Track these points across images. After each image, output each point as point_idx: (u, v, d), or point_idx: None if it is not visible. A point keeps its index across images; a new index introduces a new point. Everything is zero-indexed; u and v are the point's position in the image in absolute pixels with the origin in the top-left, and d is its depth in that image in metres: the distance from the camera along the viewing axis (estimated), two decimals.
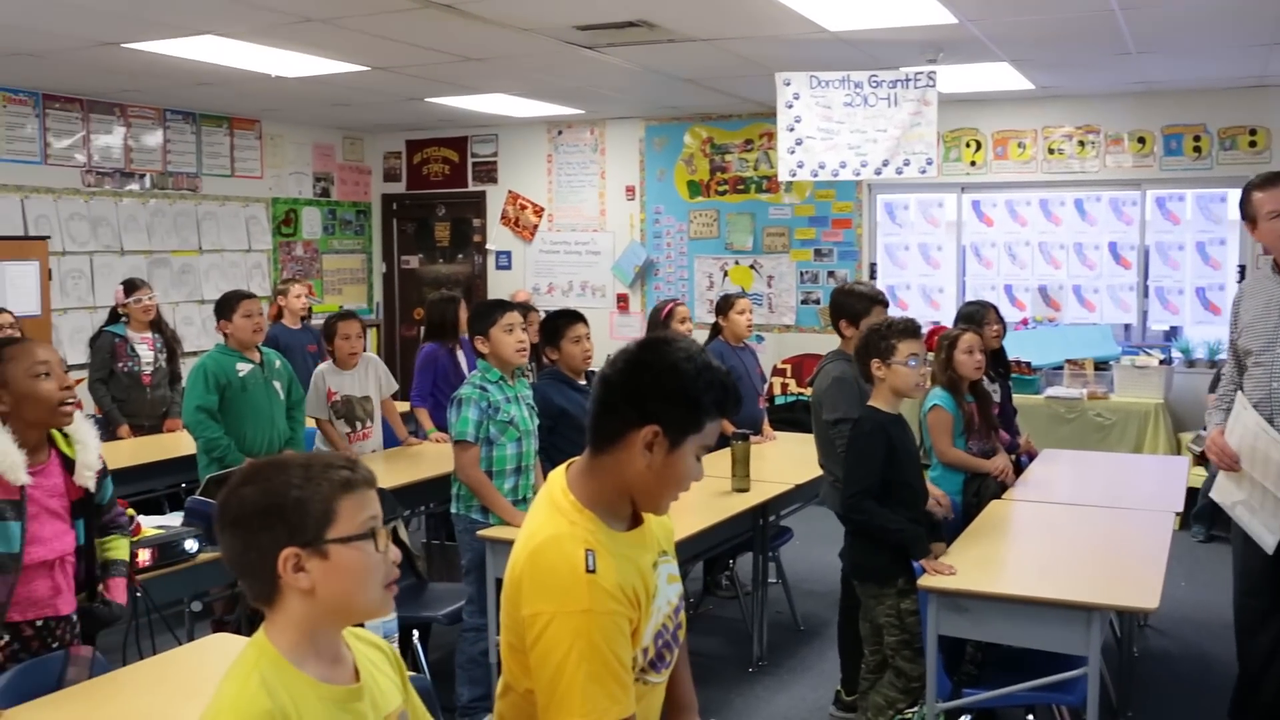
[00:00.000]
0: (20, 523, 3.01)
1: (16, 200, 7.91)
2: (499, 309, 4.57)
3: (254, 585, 1.78)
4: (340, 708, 1.78)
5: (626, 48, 6.60)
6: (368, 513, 1.78)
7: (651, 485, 2.05)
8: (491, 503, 4.43)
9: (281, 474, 1.75)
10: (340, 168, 10.76)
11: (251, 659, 1.75)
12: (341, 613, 1.80)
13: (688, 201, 9.91)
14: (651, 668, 2.08)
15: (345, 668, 1.84)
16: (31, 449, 3.07)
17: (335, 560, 1.74)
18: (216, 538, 1.81)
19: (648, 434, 2.00)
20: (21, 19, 5.63)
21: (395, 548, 1.82)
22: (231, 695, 1.70)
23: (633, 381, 2.04)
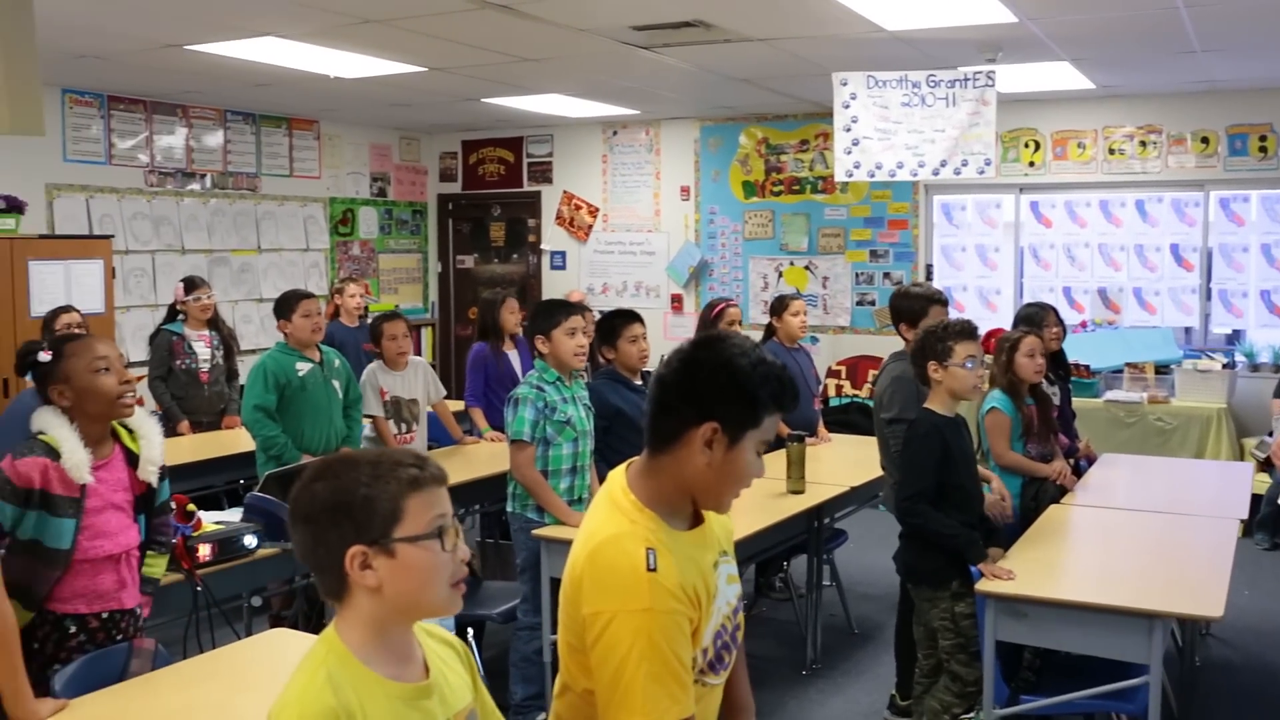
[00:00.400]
0: (75, 520, 3.05)
1: (82, 200, 8.05)
2: (563, 311, 4.57)
3: (324, 581, 1.79)
4: (408, 705, 1.78)
5: (682, 48, 6.59)
6: (436, 511, 1.78)
7: (712, 483, 2.04)
8: (547, 502, 4.44)
9: (351, 471, 1.76)
10: (397, 168, 10.84)
11: (320, 655, 1.76)
12: (409, 610, 1.81)
13: (742, 202, 9.88)
14: (710, 669, 2.07)
15: (415, 664, 1.84)
16: (95, 443, 3.12)
17: (402, 559, 1.74)
18: (289, 532, 1.82)
19: (706, 431, 1.99)
20: (89, 21, 5.72)
21: (464, 546, 1.82)
22: (298, 690, 1.72)
23: (689, 380, 2.03)
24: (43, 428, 3.06)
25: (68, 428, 3.06)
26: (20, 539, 3.03)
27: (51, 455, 3.02)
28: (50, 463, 3.01)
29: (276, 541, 4.19)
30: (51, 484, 3.01)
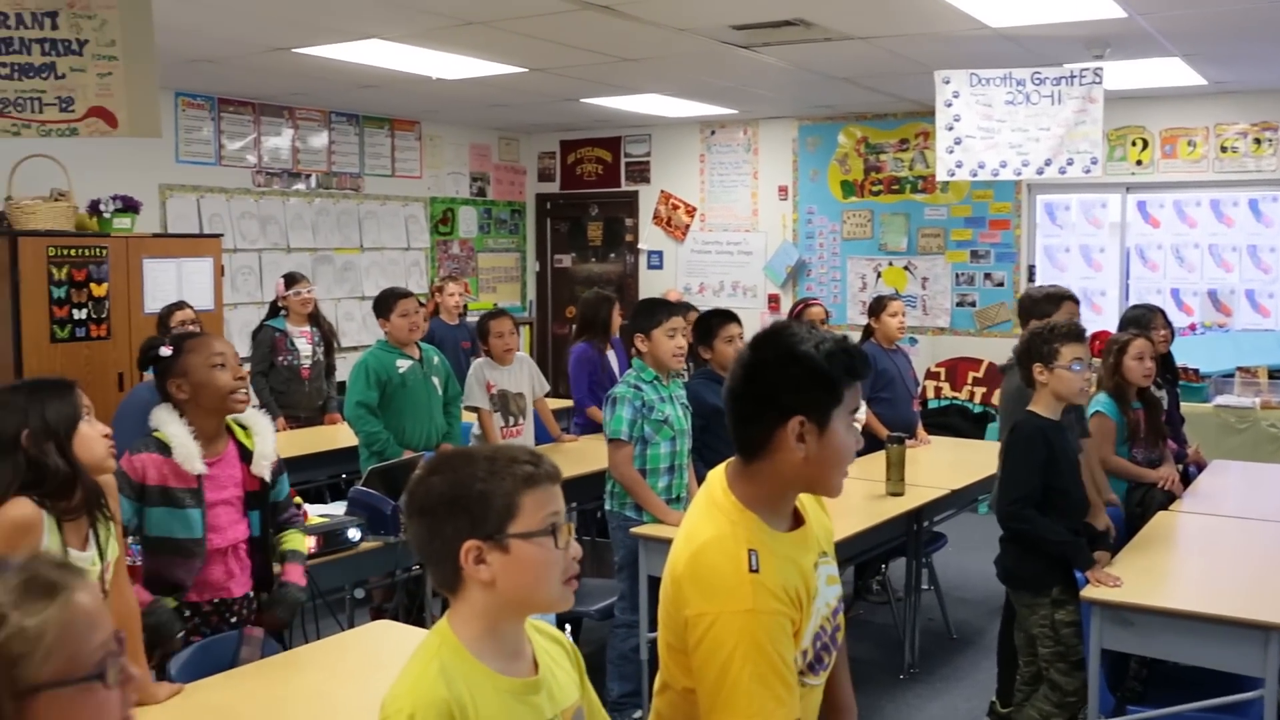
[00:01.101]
0: (200, 509, 3.15)
1: (193, 200, 8.27)
2: (664, 311, 4.58)
3: (438, 573, 1.81)
4: (517, 700, 1.80)
5: (782, 47, 6.56)
6: (550, 508, 1.79)
7: (816, 472, 2.02)
8: (645, 501, 4.46)
9: (468, 466, 1.78)
10: (496, 168, 10.95)
11: (434, 647, 1.78)
12: (521, 605, 1.82)
13: (841, 202, 9.81)
14: (810, 670, 2.06)
15: (525, 660, 1.86)
16: (209, 438, 3.21)
17: (516, 554, 1.76)
18: (404, 524, 1.85)
19: (794, 427, 1.97)
20: (202, 26, 5.88)
21: (577, 544, 1.83)
22: (411, 680, 1.74)
23: (759, 384, 2.02)
24: (157, 425, 3.17)
25: (179, 424, 3.16)
26: (152, 535, 3.13)
27: (163, 451, 3.12)
28: (163, 458, 3.12)
29: (379, 535, 4.27)
30: (168, 478, 3.12)
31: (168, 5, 5.05)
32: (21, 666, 1.24)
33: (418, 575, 4.61)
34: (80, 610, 1.30)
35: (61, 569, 1.34)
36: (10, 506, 2.58)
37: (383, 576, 4.64)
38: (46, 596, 1.28)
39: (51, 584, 1.30)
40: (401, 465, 4.73)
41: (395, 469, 4.65)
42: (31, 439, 2.61)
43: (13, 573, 1.29)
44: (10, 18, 4.09)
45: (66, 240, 6.71)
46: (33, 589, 1.28)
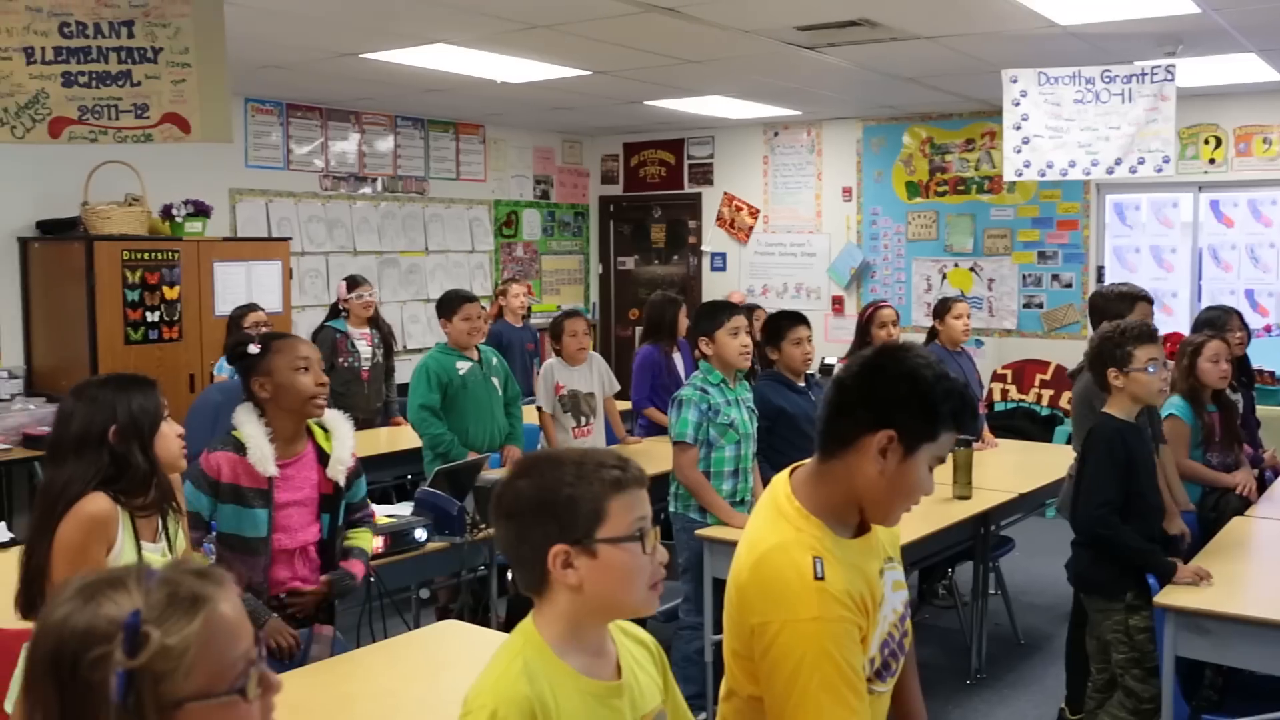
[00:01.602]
0: (268, 510, 3.20)
1: (262, 204, 8.39)
2: (726, 312, 4.58)
3: (524, 576, 1.82)
4: (599, 702, 1.80)
5: (847, 47, 6.53)
6: (637, 513, 1.78)
7: (882, 494, 2.01)
8: (710, 504, 4.45)
9: (555, 470, 1.78)
10: (559, 170, 11.00)
11: (518, 645, 1.79)
12: (607, 610, 1.82)
13: (906, 203, 9.73)
14: (877, 676, 2.04)
15: (608, 662, 1.86)
16: (288, 439, 3.26)
17: (603, 559, 1.75)
18: (492, 526, 1.86)
19: (882, 439, 1.97)
20: (271, 33, 5.96)
21: (663, 549, 1.82)
22: (494, 677, 1.75)
23: (869, 384, 2.01)
24: (236, 424, 3.22)
25: (258, 424, 3.20)
26: (223, 532, 3.19)
27: (239, 450, 3.17)
28: (238, 457, 3.17)
29: (445, 536, 4.30)
30: (240, 477, 3.17)
31: (238, 13, 5.13)
32: (166, 683, 1.23)
33: (482, 576, 4.65)
34: (222, 623, 1.28)
35: (203, 579, 1.31)
36: (88, 501, 2.64)
37: (448, 577, 4.68)
38: (190, 612, 1.26)
39: (195, 597, 1.27)
40: (467, 466, 4.77)
41: (461, 470, 4.68)
42: (119, 435, 2.68)
43: (156, 584, 1.27)
44: (89, 27, 4.17)
45: (140, 244, 6.85)
46: (176, 603, 1.26)
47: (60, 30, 4.18)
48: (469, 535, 4.32)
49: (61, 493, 2.66)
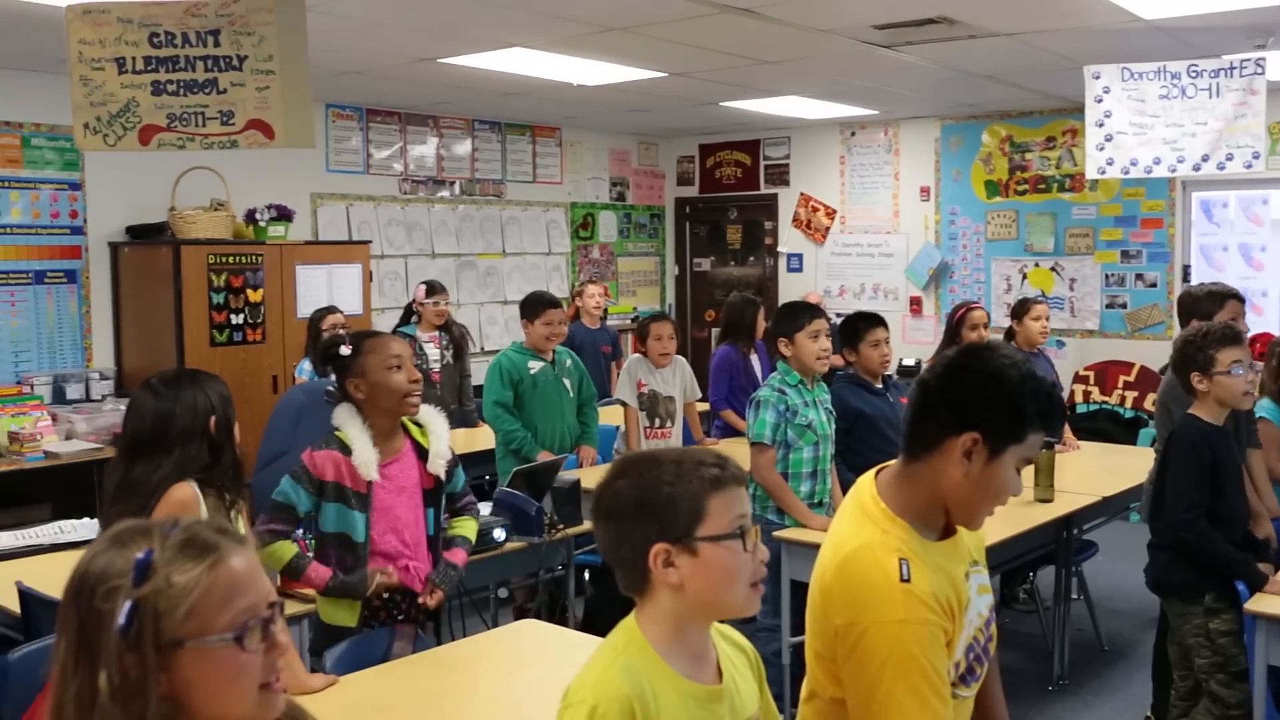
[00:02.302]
0: (365, 514, 3.24)
1: (342, 208, 8.51)
2: (807, 314, 4.56)
3: (625, 576, 1.82)
4: (700, 705, 1.79)
5: (925, 45, 6.47)
6: (737, 511, 1.78)
7: (967, 496, 1.99)
8: (788, 505, 4.44)
9: (654, 470, 1.78)
10: (635, 172, 11.02)
11: (620, 644, 1.79)
12: (709, 609, 1.82)
13: (985, 202, 9.61)
14: (962, 681, 2.03)
15: (709, 666, 1.86)
16: (386, 438, 3.30)
17: (704, 558, 1.75)
18: (592, 527, 1.87)
19: (966, 441, 1.95)
20: (352, 39, 6.05)
21: (764, 547, 1.82)
22: (595, 674, 1.76)
23: (953, 386, 1.99)
24: (339, 425, 3.27)
25: (360, 427, 3.25)
26: (325, 531, 3.24)
27: (344, 451, 3.22)
28: (343, 458, 3.22)
29: (523, 536, 4.34)
30: (343, 477, 3.22)
31: (320, 20, 5.21)
32: (165, 620, 1.33)
33: (559, 576, 4.68)
34: (229, 573, 1.38)
35: (221, 533, 1.42)
36: (176, 489, 2.75)
37: (526, 576, 4.71)
38: (198, 556, 1.37)
39: (207, 545, 1.38)
40: (545, 467, 4.80)
41: (539, 471, 4.72)
42: (218, 427, 2.77)
43: (178, 531, 1.39)
44: (177, 37, 4.27)
45: (225, 248, 6.98)
46: (188, 548, 1.37)
47: (150, 40, 4.27)
48: (547, 535, 4.36)
49: (156, 486, 2.76)
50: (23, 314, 6.86)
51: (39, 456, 6.18)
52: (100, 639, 1.33)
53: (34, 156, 6.87)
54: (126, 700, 1.32)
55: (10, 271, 6.79)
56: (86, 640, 1.34)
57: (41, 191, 6.91)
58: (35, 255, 6.91)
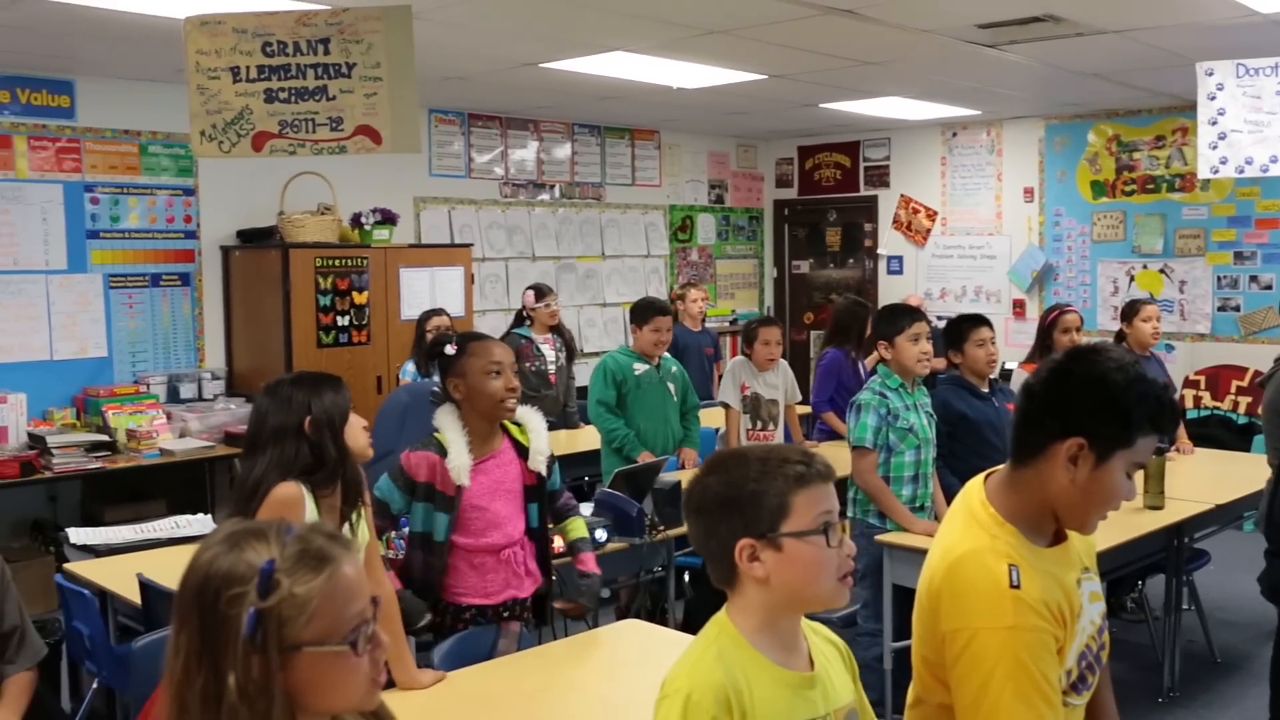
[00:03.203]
0: (449, 515, 3.29)
1: (445, 211, 8.64)
2: (907, 316, 4.54)
3: (715, 569, 1.86)
4: (793, 692, 1.82)
5: (1029, 44, 6.37)
6: (822, 507, 1.80)
7: (1076, 502, 1.96)
8: (890, 509, 4.41)
9: (741, 467, 1.82)
10: (734, 175, 11.01)
11: (713, 634, 1.83)
12: (795, 602, 1.84)
13: (1091, 203, 9.42)
14: (1073, 690, 2.00)
15: (801, 655, 1.88)
16: (483, 438, 3.35)
17: (789, 553, 1.78)
18: (684, 521, 1.92)
19: (1072, 447, 1.92)
20: (456, 45, 6.13)
21: (850, 542, 1.84)
22: (690, 664, 1.79)
23: (1057, 391, 1.97)
24: (439, 426, 3.33)
25: (459, 430, 3.30)
26: (414, 531, 3.30)
27: (441, 452, 3.28)
28: (438, 459, 3.27)
29: (624, 537, 4.36)
30: (435, 479, 3.27)
31: (426, 27, 5.30)
32: (289, 626, 1.42)
33: (660, 577, 4.69)
34: (343, 581, 1.47)
35: (332, 540, 1.50)
36: (280, 488, 2.81)
37: (627, 577, 4.73)
38: (316, 567, 1.45)
39: (322, 555, 1.47)
40: (645, 469, 4.83)
41: (639, 472, 4.74)
42: (313, 426, 2.83)
43: (291, 541, 1.47)
44: (289, 46, 4.38)
45: (331, 251, 7.13)
46: (305, 558, 1.45)
47: (263, 50, 4.39)
48: (648, 536, 4.38)
49: (260, 482, 2.83)
50: (140, 316, 7.08)
51: (155, 453, 6.37)
52: (224, 642, 1.41)
53: (150, 163, 7.10)
54: (253, 700, 1.40)
55: (128, 275, 7.03)
56: (210, 641, 1.42)
57: (158, 197, 7.13)
58: (151, 259, 7.13)
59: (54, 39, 5.80)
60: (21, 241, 6.61)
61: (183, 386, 7.13)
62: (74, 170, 6.79)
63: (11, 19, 5.34)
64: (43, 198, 6.68)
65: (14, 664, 2.82)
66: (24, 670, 2.84)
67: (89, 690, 4.07)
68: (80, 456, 6.12)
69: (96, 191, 6.89)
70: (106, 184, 6.93)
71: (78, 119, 6.81)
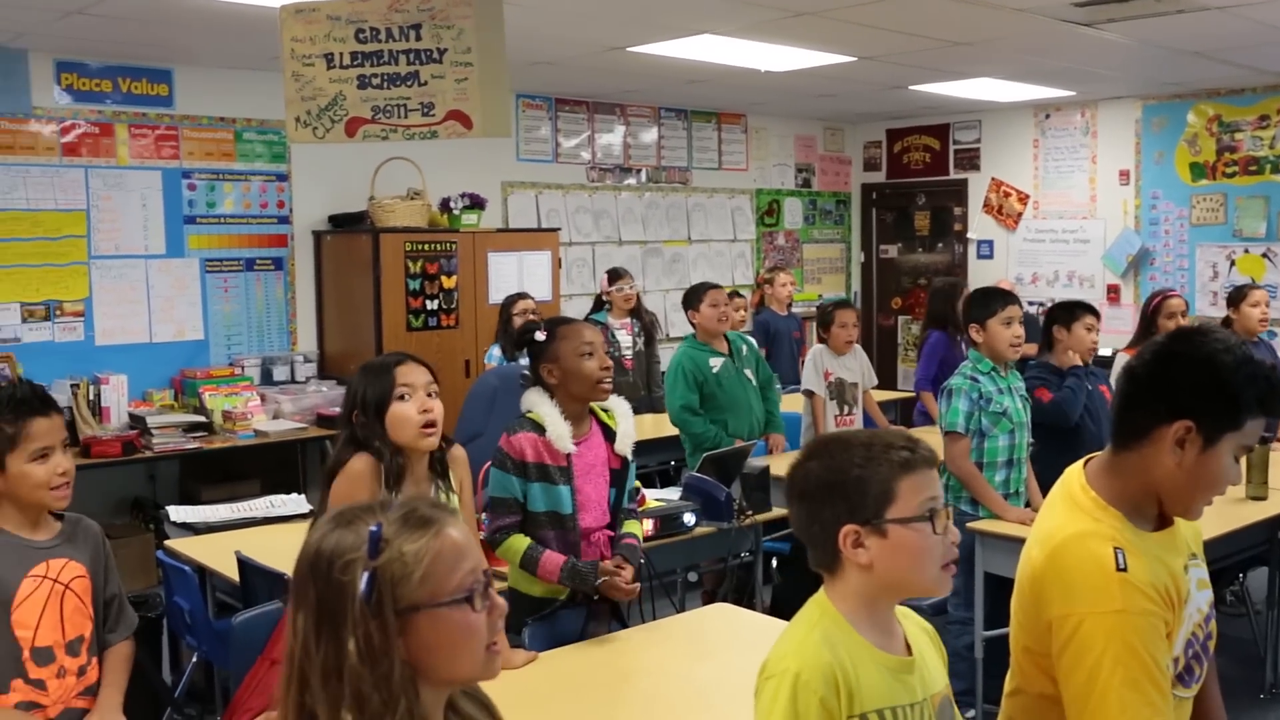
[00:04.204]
0: (569, 486, 3.30)
1: (532, 196, 8.68)
2: (1000, 300, 4.47)
3: (817, 554, 1.85)
4: (894, 676, 1.81)
5: (1128, 22, 6.21)
6: (927, 493, 1.79)
7: (1182, 486, 1.92)
8: (982, 495, 4.35)
9: (844, 452, 1.81)
10: (821, 158, 10.92)
11: (815, 616, 1.82)
12: (898, 589, 1.83)
13: (1190, 185, 9.18)
14: (1180, 681, 1.95)
15: (898, 641, 1.87)
16: (575, 421, 3.36)
17: (893, 539, 1.77)
18: (786, 506, 1.91)
19: (1179, 430, 1.88)
20: (545, 29, 6.15)
21: (955, 529, 1.83)
22: (795, 643, 1.79)
23: (1163, 374, 1.92)
24: (530, 406, 3.34)
25: (550, 404, 3.31)
26: (534, 512, 3.30)
27: (538, 430, 3.29)
28: (538, 437, 3.28)
29: (712, 521, 4.36)
30: (543, 456, 3.28)
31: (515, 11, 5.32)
32: (401, 586, 1.45)
33: (748, 563, 4.68)
34: (450, 541, 1.49)
35: (435, 507, 1.54)
36: (352, 461, 2.89)
37: (713, 561, 4.73)
38: (422, 529, 1.48)
39: (426, 518, 1.50)
40: (733, 453, 4.81)
41: (728, 457, 4.73)
42: (359, 416, 2.94)
43: (396, 509, 1.51)
44: (381, 32, 4.42)
45: (421, 236, 7.21)
46: (410, 521, 1.49)
47: (356, 36, 4.43)
48: (736, 521, 4.37)
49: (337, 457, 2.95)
50: (235, 299, 7.23)
51: (249, 434, 6.50)
52: (342, 609, 1.44)
53: (245, 150, 7.23)
54: (374, 662, 1.43)
55: (224, 259, 7.17)
56: (329, 611, 1.45)
57: (252, 183, 7.26)
58: (245, 244, 7.27)
59: (154, 29, 5.93)
60: (123, 227, 6.78)
61: (276, 369, 7.26)
62: (172, 157, 6.94)
63: (113, 10, 5.47)
64: (142, 184, 6.84)
65: (115, 632, 2.90)
66: (123, 640, 2.92)
67: (189, 664, 4.17)
68: (178, 437, 6.26)
69: (193, 178, 7.04)
70: (203, 170, 7.07)
71: (176, 107, 6.95)
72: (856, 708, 1.74)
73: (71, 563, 2.80)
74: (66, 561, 2.79)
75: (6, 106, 6.37)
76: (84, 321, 6.67)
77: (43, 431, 2.72)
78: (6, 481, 2.70)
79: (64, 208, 6.58)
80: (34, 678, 2.70)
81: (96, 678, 2.82)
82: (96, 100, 6.67)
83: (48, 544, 2.78)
